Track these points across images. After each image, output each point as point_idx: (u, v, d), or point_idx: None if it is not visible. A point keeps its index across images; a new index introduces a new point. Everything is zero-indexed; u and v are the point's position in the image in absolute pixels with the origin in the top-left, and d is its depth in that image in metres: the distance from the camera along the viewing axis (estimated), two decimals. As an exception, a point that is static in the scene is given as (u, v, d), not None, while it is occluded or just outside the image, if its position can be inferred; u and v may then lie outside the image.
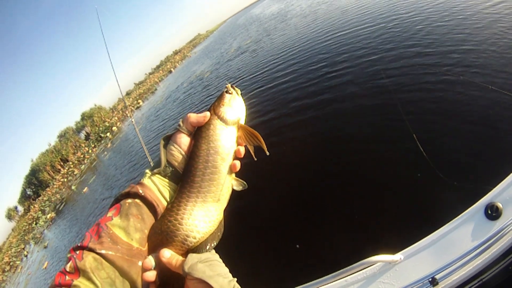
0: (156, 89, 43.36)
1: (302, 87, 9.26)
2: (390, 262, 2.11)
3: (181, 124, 0.96)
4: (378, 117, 6.18)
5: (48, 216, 24.89)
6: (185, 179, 0.90)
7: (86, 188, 21.15)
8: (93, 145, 40.83)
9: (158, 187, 0.90)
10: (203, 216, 0.88)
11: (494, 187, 2.32)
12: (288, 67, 11.80)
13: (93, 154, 35.83)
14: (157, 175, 0.92)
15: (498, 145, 4.43)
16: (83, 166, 34.28)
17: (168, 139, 0.96)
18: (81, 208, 16.94)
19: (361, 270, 2.13)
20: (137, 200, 0.86)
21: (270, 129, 7.91)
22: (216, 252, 0.91)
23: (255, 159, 0.97)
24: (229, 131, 0.95)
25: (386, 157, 5.13)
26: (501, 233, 2.01)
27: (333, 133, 6.55)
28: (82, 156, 39.76)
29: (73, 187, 26.38)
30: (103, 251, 0.75)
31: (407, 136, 4.38)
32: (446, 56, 7.12)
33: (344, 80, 8.35)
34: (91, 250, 0.75)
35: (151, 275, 0.81)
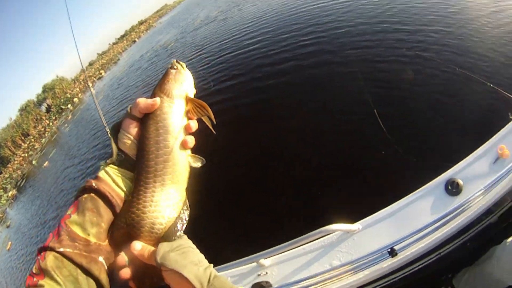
0: (119, 59, 42.22)
1: (269, 55, 9.28)
2: (348, 232, 2.16)
3: (129, 110, 0.91)
4: (342, 90, 6.33)
5: (10, 193, 24.06)
6: (139, 165, 0.87)
7: (46, 162, 20.53)
8: (54, 118, 39.47)
9: (112, 177, 0.87)
10: (165, 200, 0.86)
11: (454, 164, 2.41)
12: (256, 36, 11.68)
13: (54, 127, 34.69)
14: (110, 165, 0.89)
15: (459, 124, 4.64)
16: (43, 139, 33.18)
17: (118, 128, 0.92)
18: (42, 183, 16.48)
19: (319, 238, 2.15)
20: (92, 194, 0.84)
21: (235, 92, 8.06)
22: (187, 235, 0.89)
23: (214, 132, 0.94)
24: (176, 107, 0.90)
25: (347, 130, 5.26)
26: (461, 208, 2.10)
27: (297, 104, 6.57)
28: (43, 129, 38.45)
29: (34, 162, 25.55)
30: (61, 249, 0.74)
31: (369, 111, 4.44)
32: (415, 34, 7.34)
33: (311, 50, 8.42)
34: (51, 249, 0.74)
35: (126, 272, 0.80)
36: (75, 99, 38.98)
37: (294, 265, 2.11)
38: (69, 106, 37.93)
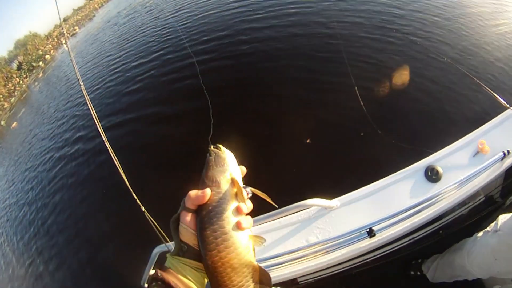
0: (94, 16, 40.49)
1: (255, 19, 9.21)
2: (326, 208, 2.18)
3: (184, 203, 0.93)
4: (325, 64, 6.35)
5: (-25, 155, 23.29)
6: (204, 256, 0.87)
7: (15, 122, 19.81)
8: (24, 76, 37.93)
9: (177, 267, 0.91)
10: (241, 281, 0.88)
11: (433, 150, 2.48)
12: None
13: (24, 85, 33.40)
14: (175, 256, 0.93)
15: (441, 112, 4.76)
16: (13, 99, 31.91)
17: (177, 221, 0.95)
18: (10, 144, 15.94)
19: (295, 212, 2.16)
20: (159, 283, 0.87)
21: (217, 53, 7.98)
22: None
23: (274, 204, 1.00)
24: (225, 192, 0.91)
25: (328, 105, 5.38)
26: (438, 196, 2.15)
27: (277, 80, 6.55)
28: (12, 88, 36.94)
29: (2, 122, 24.65)
30: None
31: (351, 90, 4.40)
32: (406, 18, 7.43)
33: (295, 19, 8.43)
34: None
35: None
36: (47, 56, 37.41)
37: (270, 238, 2.14)
38: (40, 63, 36.43)
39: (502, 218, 2.14)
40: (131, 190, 2.45)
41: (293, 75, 6.37)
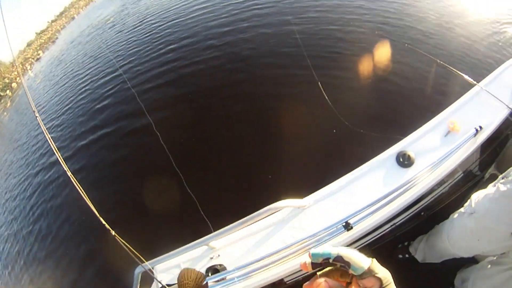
0: (57, 38, 39.82)
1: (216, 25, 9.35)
2: (299, 207, 2.17)
3: None
4: (285, 61, 6.42)
5: None
6: None
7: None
8: (-8, 107, 37.04)
9: None
10: None
11: (404, 137, 2.49)
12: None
13: (-7, 117, 32.61)
14: None
15: (407, 97, 4.85)
16: (-16, 132, 31.07)
17: None
18: None
19: (268, 216, 2.14)
20: None
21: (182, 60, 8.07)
22: None
23: None
24: None
25: (291, 103, 5.37)
26: (413, 180, 2.14)
27: (239, 79, 6.61)
28: (-18, 120, 35.98)
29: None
30: None
31: (313, 83, 4.36)
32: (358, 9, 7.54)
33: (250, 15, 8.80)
34: None
35: None
36: (14, 84, 36.58)
37: (245, 245, 2.13)
38: (7, 92, 35.58)
39: (475, 197, 2.15)
40: (98, 215, 2.41)
41: (258, 75, 6.43)
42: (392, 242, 2.96)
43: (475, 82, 2.77)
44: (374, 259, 0.74)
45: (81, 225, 5.36)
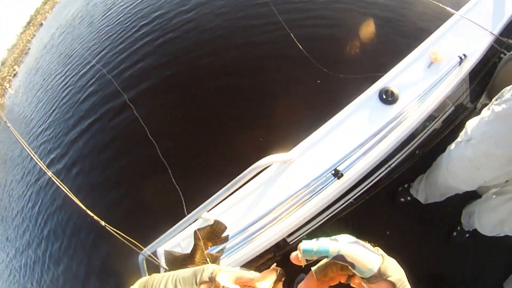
0: (29, 48, 39.18)
1: None
2: (285, 162, 2.10)
3: None
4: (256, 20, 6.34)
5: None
6: None
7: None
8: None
9: None
10: None
11: (384, 73, 2.39)
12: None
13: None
14: None
15: (385, 34, 4.76)
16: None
17: None
18: None
19: (255, 176, 2.05)
20: None
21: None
22: None
23: None
24: None
25: (266, 56, 5.37)
26: (400, 117, 2.08)
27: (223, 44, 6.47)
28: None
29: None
30: None
31: (286, 35, 4.32)
32: None
33: None
34: None
35: None
36: (-5, 106, 36.22)
37: (239, 210, 2.06)
38: (-10, 114, 35.12)
39: (470, 124, 2.07)
40: (83, 207, 2.35)
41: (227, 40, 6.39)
42: (391, 186, 2.91)
43: (454, 11, 2.69)
44: (386, 257, 0.61)
45: (76, 224, 5.44)
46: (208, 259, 0.87)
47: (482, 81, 2.91)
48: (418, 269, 2.72)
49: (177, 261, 0.83)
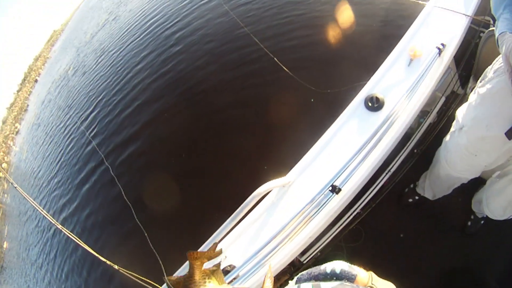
0: (28, 105, 39.83)
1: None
2: (284, 185, 2.09)
3: None
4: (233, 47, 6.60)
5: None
6: None
7: (5, 242, 19.24)
8: (-12, 191, 37.01)
9: None
10: None
11: (367, 81, 2.37)
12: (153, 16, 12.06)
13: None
14: None
15: (360, 42, 4.83)
16: (-9, 221, 30.95)
17: None
18: (14, 264, 15.58)
19: (257, 203, 2.07)
20: None
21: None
22: None
23: None
24: None
25: (252, 84, 5.52)
26: (389, 120, 2.05)
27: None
28: (-18, 211, 35.89)
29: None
30: None
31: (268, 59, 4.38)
32: None
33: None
34: None
35: None
36: (4, 165, 36.59)
37: (246, 239, 2.05)
38: (0, 174, 35.49)
39: (460, 112, 2.07)
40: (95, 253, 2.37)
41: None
42: (396, 189, 2.90)
43: (424, 2, 2.71)
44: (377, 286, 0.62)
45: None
46: (207, 276, 0.88)
47: (467, 65, 2.91)
48: (439, 264, 2.73)
49: (180, 285, 0.84)
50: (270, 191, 2.08)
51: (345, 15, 5.30)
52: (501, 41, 1.44)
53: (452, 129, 2.18)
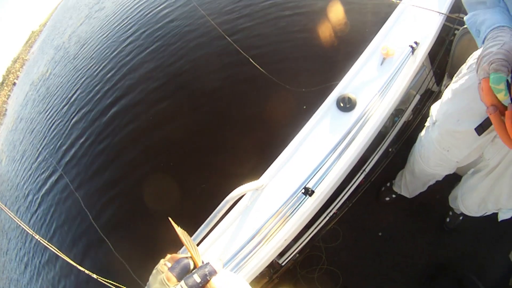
0: (6, 110, 39.07)
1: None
2: (257, 189, 2.08)
3: None
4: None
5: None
6: None
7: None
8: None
9: None
10: None
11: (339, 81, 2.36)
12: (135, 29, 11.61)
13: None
14: None
15: (334, 43, 4.91)
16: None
17: None
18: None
19: (231, 208, 2.04)
20: None
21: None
22: None
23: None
24: None
25: (229, 85, 5.51)
26: (362, 120, 2.07)
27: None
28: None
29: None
30: None
31: (243, 59, 4.42)
32: None
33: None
34: None
35: None
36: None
37: (222, 244, 2.04)
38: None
39: (434, 108, 2.09)
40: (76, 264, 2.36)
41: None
42: (373, 188, 2.93)
43: (397, 1, 2.73)
44: None
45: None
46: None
47: (442, 62, 2.94)
48: (418, 261, 2.77)
49: None
50: (244, 195, 2.07)
51: (322, 14, 5.32)
52: (493, 36, 1.34)
53: (426, 124, 2.21)
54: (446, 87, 2.82)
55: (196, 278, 0.63)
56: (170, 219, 0.78)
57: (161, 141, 5.46)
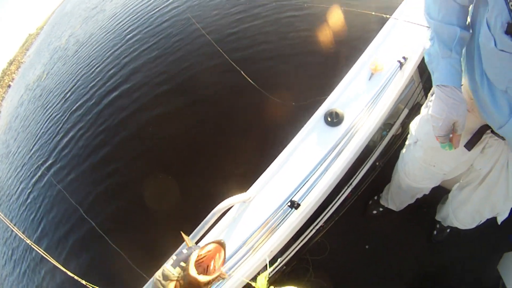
0: (0, 112, 38.85)
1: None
2: (244, 201, 2.08)
3: None
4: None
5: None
6: None
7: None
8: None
9: None
10: None
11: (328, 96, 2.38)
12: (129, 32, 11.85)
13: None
14: None
15: (324, 57, 4.90)
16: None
17: None
18: None
19: (217, 220, 2.02)
20: None
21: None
22: None
23: None
24: None
25: (220, 99, 5.56)
26: (349, 134, 2.08)
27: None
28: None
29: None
30: None
31: (233, 70, 4.40)
32: None
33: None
34: None
35: None
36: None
37: None
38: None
39: (413, 126, 2.12)
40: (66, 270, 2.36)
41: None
42: (360, 202, 2.95)
43: (387, 16, 2.75)
44: None
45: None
46: None
47: (429, 77, 2.97)
48: (406, 273, 2.79)
49: None
50: (231, 207, 2.08)
51: (314, 28, 5.36)
52: (438, 95, 1.44)
53: (407, 142, 2.24)
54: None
55: (184, 251, 0.89)
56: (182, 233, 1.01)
57: (149, 150, 5.48)
